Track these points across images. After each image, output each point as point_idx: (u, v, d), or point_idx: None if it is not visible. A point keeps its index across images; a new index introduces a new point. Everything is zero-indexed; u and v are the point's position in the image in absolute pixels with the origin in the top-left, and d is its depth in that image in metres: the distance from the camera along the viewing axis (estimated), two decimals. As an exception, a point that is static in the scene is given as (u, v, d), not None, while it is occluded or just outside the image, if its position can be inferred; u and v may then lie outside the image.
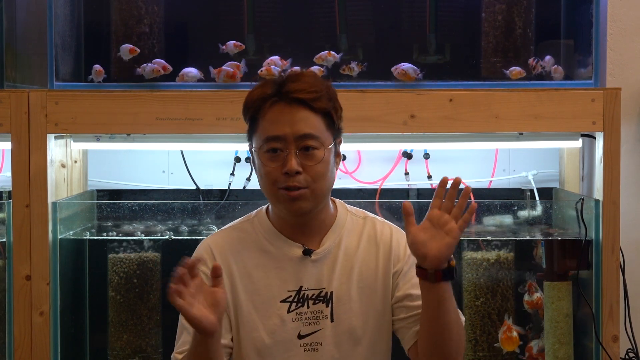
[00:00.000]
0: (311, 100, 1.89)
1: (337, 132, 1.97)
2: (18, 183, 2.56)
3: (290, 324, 1.96)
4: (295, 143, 1.89)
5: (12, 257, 2.56)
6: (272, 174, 1.90)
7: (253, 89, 1.96)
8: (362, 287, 1.99)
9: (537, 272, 2.82)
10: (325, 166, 1.91)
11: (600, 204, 2.55)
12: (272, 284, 1.97)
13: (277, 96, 1.91)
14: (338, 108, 1.96)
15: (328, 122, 1.93)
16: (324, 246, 1.99)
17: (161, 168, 3.19)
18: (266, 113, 1.91)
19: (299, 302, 1.96)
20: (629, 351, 2.82)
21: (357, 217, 2.07)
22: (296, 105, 1.89)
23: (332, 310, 1.97)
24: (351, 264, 2.00)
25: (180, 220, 2.81)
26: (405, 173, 3.12)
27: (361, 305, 1.98)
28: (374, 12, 2.92)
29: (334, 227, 2.02)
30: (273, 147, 1.90)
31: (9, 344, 2.58)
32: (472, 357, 2.87)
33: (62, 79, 2.73)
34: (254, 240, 2.01)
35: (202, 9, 2.89)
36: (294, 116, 1.89)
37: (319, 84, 1.93)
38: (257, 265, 1.99)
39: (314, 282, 1.98)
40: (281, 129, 1.89)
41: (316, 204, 1.94)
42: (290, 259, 1.98)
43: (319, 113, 1.91)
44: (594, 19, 2.69)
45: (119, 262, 2.90)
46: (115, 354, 2.90)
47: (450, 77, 2.76)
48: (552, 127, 2.58)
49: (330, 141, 1.93)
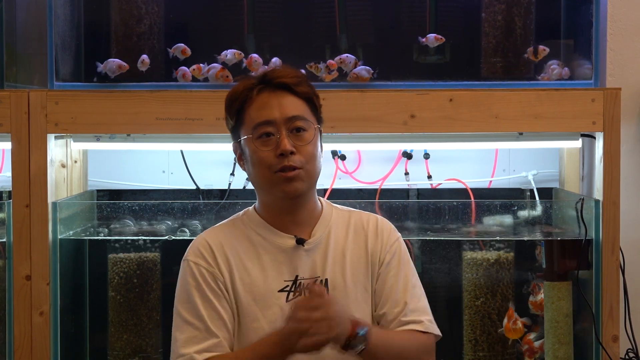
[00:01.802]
0: (294, 84, 1.99)
1: (319, 118, 2.05)
2: (18, 183, 2.56)
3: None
4: (285, 125, 1.96)
5: (12, 257, 2.56)
6: (266, 159, 1.95)
7: (235, 86, 2.04)
8: (355, 274, 2.03)
9: (538, 272, 2.83)
10: (314, 147, 1.99)
11: (600, 204, 2.55)
12: (269, 275, 2.00)
13: (262, 84, 1.99)
14: (317, 96, 2.05)
15: (311, 107, 2.02)
16: (315, 236, 2.04)
17: (161, 168, 3.19)
18: (254, 101, 1.98)
19: (296, 291, 2.00)
20: (629, 351, 2.82)
21: (343, 211, 2.13)
22: (280, 90, 1.99)
23: None
24: (342, 252, 2.04)
25: (180, 220, 2.81)
26: (405, 173, 3.12)
27: (356, 292, 2.02)
28: (374, 12, 2.92)
29: (321, 219, 2.07)
30: (265, 132, 1.96)
31: (9, 344, 2.59)
32: (472, 357, 2.87)
33: (62, 79, 2.73)
34: (246, 235, 2.04)
35: (202, 9, 2.89)
36: (281, 100, 1.98)
37: (298, 72, 2.04)
38: (252, 259, 2.02)
39: (309, 271, 2.01)
40: (270, 113, 1.96)
41: (310, 186, 2.00)
42: (284, 249, 2.02)
43: (302, 97, 2.00)
44: (594, 19, 2.69)
45: (119, 262, 2.90)
46: (115, 354, 2.90)
47: (450, 77, 2.76)
48: (552, 127, 2.58)
49: (316, 124, 2.01)
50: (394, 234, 2.10)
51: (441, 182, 3.13)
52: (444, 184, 3.13)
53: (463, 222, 2.76)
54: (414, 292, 2.05)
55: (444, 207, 2.75)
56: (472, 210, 2.78)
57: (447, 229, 2.77)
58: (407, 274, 2.06)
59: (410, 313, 2.01)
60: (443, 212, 2.75)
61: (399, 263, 2.06)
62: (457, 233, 2.77)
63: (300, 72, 2.05)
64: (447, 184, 3.13)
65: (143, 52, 2.75)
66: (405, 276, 2.06)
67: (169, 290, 2.97)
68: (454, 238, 2.80)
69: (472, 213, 2.77)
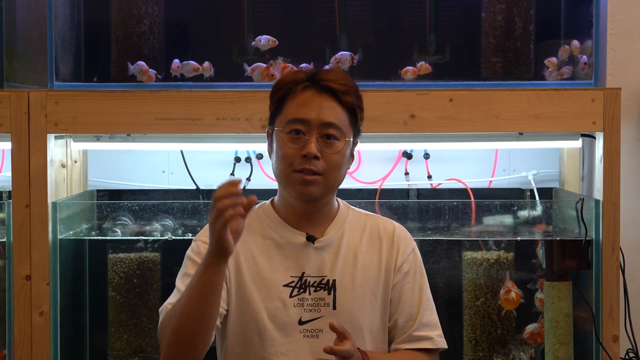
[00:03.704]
0: (341, 92, 1.97)
1: (357, 131, 2.03)
2: (18, 183, 2.56)
3: (292, 308, 1.98)
4: (318, 129, 1.95)
5: (12, 257, 2.56)
6: (289, 156, 1.95)
7: (284, 75, 2.05)
8: (366, 278, 2.02)
9: (537, 272, 2.83)
10: (342, 158, 1.97)
11: (600, 204, 2.55)
12: (276, 269, 2.01)
13: (309, 81, 1.97)
14: (362, 109, 2.03)
15: (351, 118, 2.00)
16: (327, 235, 2.03)
17: (161, 168, 3.19)
18: (296, 96, 1.98)
19: (301, 287, 2.00)
20: (629, 351, 2.82)
21: (360, 213, 2.12)
22: (326, 94, 1.96)
23: (334, 298, 2.00)
24: (354, 254, 2.03)
25: (180, 220, 2.81)
26: (405, 173, 3.12)
27: (364, 296, 2.01)
28: (374, 12, 2.92)
29: (336, 220, 2.06)
30: (296, 129, 1.96)
31: (9, 344, 2.58)
32: (472, 357, 2.87)
33: (62, 79, 2.73)
34: (259, 229, 2.05)
35: (202, 9, 2.90)
36: (322, 103, 1.96)
37: (349, 81, 2.01)
38: (261, 252, 2.02)
39: (316, 270, 2.01)
40: (308, 113, 1.95)
41: (325, 193, 1.99)
42: (294, 245, 2.02)
43: (345, 107, 1.98)
44: (594, 19, 2.69)
45: (119, 262, 2.90)
46: (115, 354, 2.90)
47: (450, 77, 2.76)
48: (552, 127, 2.58)
49: (350, 136, 2.00)
50: (411, 243, 2.10)
51: (441, 182, 3.13)
52: (444, 184, 3.13)
53: (463, 222, 2.76)
54: (427, 305, 2.06)
55: (444, 207, 2.75)
56: (472, 210, 2.78)
57: (447, 229, 2.77)
58: (422, 286, 2.07)
59: (422, 327, 2.03)
60: (443, 212, 2.75)
61: (415, 274, 2.07)
62: (457, 233, 2.77)
63: (351, 81, 2.01)
64: (447, 184, 3.13)
65: (143, 52, 2.75)
66: (420, 288, 2.07)
67: (169, 290, 2.97)
68: (454, 238, 2.80)
69: (472, 213, 2.77)
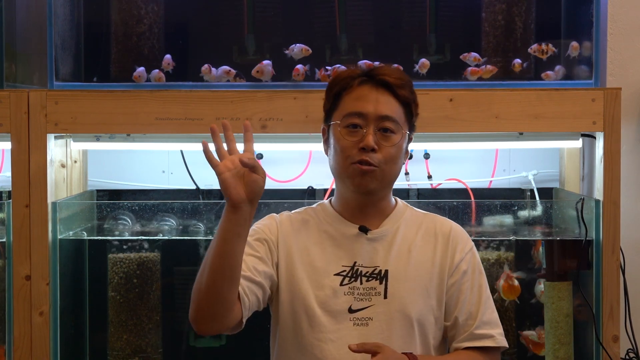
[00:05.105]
0: (397, 86, 2.00)
1: (412, 127, 2.06)
2: (18, 183, 2.56)
3: (342, 297, 1.99)
4: (375, 122, 1.98)
5: (12, 257, 2.56)
6: (347, 149, 1.98)
7: (340, 71, 2.09)
8: (419, 271, 2.03)
9: (537, 271, 2.82)
10: (398, 151, 2.00)
11: (601, 204, 2.55)
12: (328, 259, 2.03)
13: (365, 76, 2.02)
14: (417, 104, 2.06)
15: (407, 112, 2.03)
16: (382, 228, 2.05)
17: (161, 168, 3.19)
18: (353, 90, 2.01)
19: (353, 277, 2.01)
20: (629, 351, 2.82)
21: (417, 212, 2.14)
22: (382, 88, 2.00)
23: (386, 287, 2.00)
24: (408, 248, 2.05)
25: (180, 220, 2.81)
26: (405, 173, 3.12)
27: (416, 288, 2.01)
28: (374, 12, 2.92)
29: (392, 215, 2.08)
30: (353, 123, 1.98)
31: (9, 344, 2.58)
32: (472, 357, 2.87)
33: (62, 79, 2.73)
34: (316, 223, 2.08)
35: (202, 9, 2.89)
36: (379, 97, 1.99)
37: (405, 76, 2.05)
38: (315, 243, 2.05)
39: (368, 260, 2.02)
40: (364, 106, 1.98)
41: (382, 187, 2.01)
42: (347, 236, 2.04)
43: (400, 101, 2.01)
44: (594, 19, 2.69)
45: (119, 262, 2.90)
46: (115, 354, 2.90)
47: (450, 77, 2.76)
48: (552, 127, 2.58)
49: (406, 130, 2.02)
50: (469, 242, 2.10)
51: (441, 182, 3.13)
52: (444, 184, 3.13)
53: (463, 222, 2.76)
54: (487, 303, 2.06)
55: (444, 207, 2.74)
56: (472, 210, 2.77)
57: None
58: (481, 284, 2.07)
59: (483, 326, 2.03)
60: (443, 212, 2.75)
61: (473, 273, 2.06)
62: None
63: (406, 76, 2.05)
64: (447, 184, 3.13)
65: (143, 52, 2.75)
66: (479, 287, 2.06)
67: (169, 290, 2.98)
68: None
69: (472, 213, 2.77)
